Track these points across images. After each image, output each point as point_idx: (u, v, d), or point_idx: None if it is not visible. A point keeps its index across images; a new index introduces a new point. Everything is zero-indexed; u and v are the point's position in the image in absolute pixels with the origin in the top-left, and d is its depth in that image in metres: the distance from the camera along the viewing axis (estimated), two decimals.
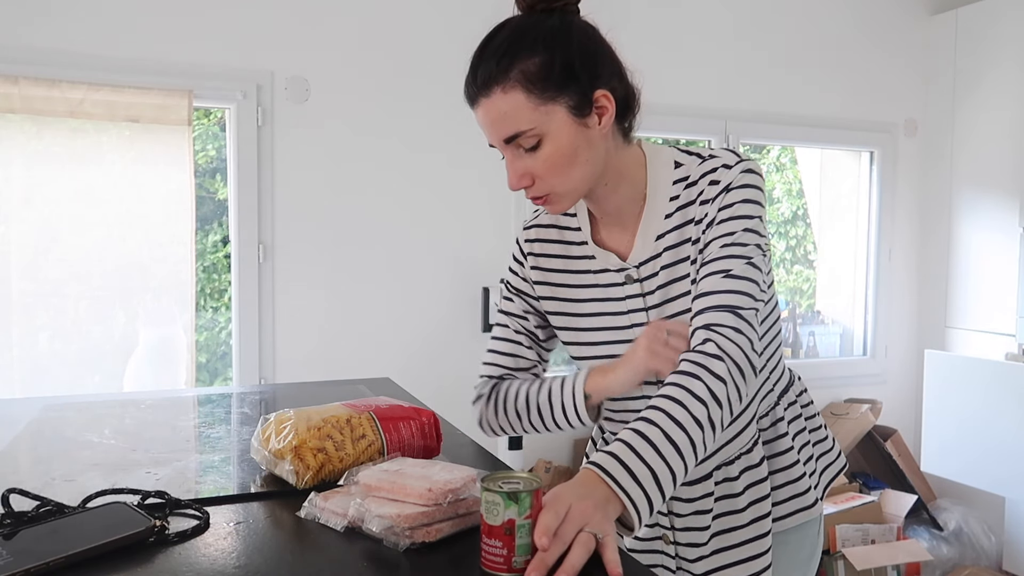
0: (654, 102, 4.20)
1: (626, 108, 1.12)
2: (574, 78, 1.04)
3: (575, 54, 1.04)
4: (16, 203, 2.69)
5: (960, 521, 3.52)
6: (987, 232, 3.72)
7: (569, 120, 1.05)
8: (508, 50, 1.04)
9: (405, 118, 3.14)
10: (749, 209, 1.08)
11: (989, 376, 2.92)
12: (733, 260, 1.06)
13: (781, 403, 1.26)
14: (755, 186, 1.10)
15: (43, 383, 2.72)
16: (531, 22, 1.07)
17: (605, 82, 1.07)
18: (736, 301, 1.04)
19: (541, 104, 1.03)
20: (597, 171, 1.10)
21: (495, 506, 0.82)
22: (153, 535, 0.89)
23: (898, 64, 3.98)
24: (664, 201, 1.14)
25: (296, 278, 3.03)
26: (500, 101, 1.04)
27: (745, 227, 1.07)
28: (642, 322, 1.17)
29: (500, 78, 1.03)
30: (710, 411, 0.98)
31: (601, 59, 1.08)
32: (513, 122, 1.04)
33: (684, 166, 1.14)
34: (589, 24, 1.12)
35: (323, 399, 1.32)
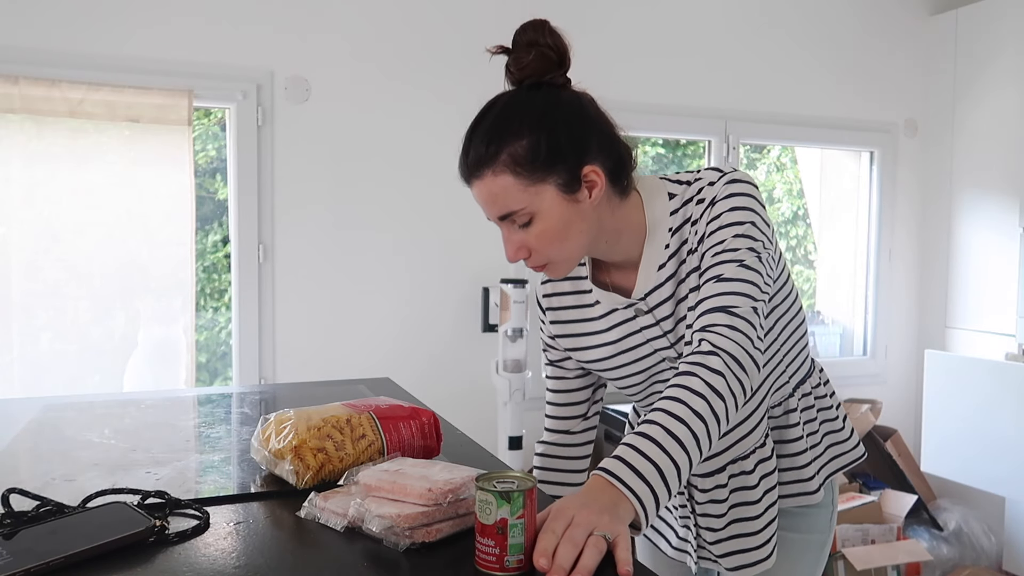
0: (654, 102, 4.21)
1: (619, 171, 1.14)
2: (561, 158, 1.07)
3: (561, 133, 1.07)
4: (16, 203, 2.69)
5: (960, 521, 3.52)
6: (987, 232, 3.72)
7: (559, 198, 1.08)
8: (496, 134, 1.07)
9: (405, 118, 3.14)
10: (736, 216, 1.10)
11: (989, 376, 2.92)
12: (723, 265, 1.08)
13: (795, 395, 1.30)
14: (741, 193, 1.11)
15: (43, 383, 2.72)
16: (519, 100, 1.10)
17: (593, 156, 1.10)
18: (728, 301, 1.06)
19: (530, 185, 1.07)
20: (592, 237, 1.14)
21: (488, 505, 0.82)
22: (153, 535, 0.89)
23: (898, 64, 3.98)
24: (664, 234, 1.17)
25: (296, 278, 3.03)
26: (490, 183, 1.08)
27: (734, 233, 1.09)
28: (664, 346, 1.21)
29: (489, 162, 1.07)
30: (711, 403, 0.99)
31: (589, 133, 1.10)
32: (504, 202, 1.08)
33: (676, 196, 1.17)
34: (578, 95, 1.14)
35: (323, 399, 1.32)
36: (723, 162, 3.67)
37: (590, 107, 1.13)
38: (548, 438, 1.40)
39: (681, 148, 3.87)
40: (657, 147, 3.82)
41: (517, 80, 1.12)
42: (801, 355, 1.30)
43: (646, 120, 3.51)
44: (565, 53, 1.12)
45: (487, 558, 0.83)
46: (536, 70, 1.11)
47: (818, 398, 1.34)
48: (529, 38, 1.12)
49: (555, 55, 1.11)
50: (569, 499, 0.91)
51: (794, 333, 1.27)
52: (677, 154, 3.88)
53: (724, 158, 3.67)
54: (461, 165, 1.12)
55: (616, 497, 0.92)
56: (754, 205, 1.11)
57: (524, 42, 1.12)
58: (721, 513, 1.28)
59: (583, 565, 0.82)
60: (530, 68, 1.11)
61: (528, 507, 0.83)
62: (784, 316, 1.24)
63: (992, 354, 3.52)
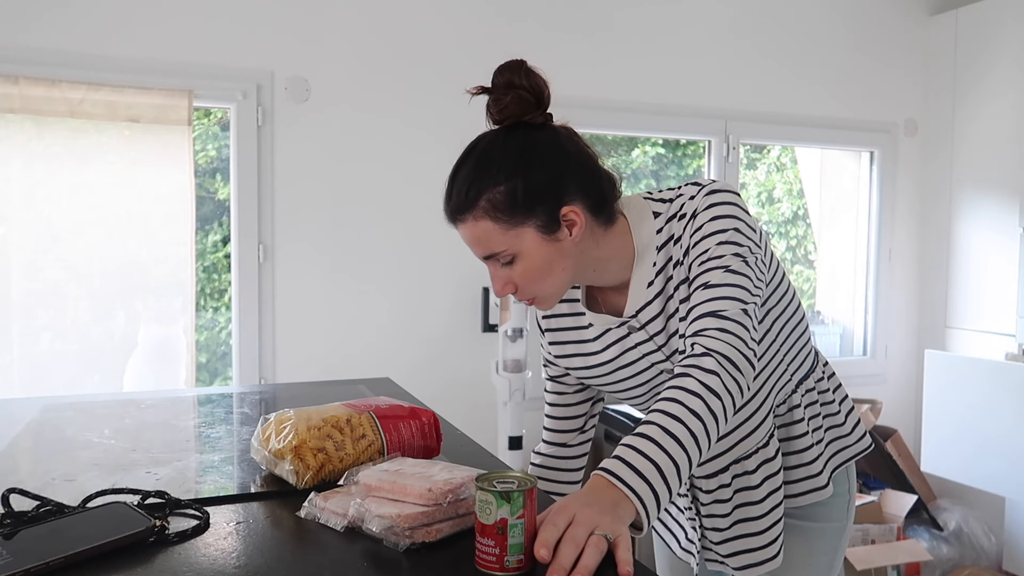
0: (654, 102, 4.21)
1: (601, 205, 1.16)
2: (539, 201, 1.10)
3: (538, 177, 1.10)
4: (16, 203, 2.69)
5: (960, 521, 3.52)
6: (987, 232, 3.72)
7: (539, 239, 1.11)
8: (475, 179, 1.10)
9: (405, 118, 3.14)
10: (718, 224, 1.11)
11: (989, 376, 2.92)
12: (710, 272, 1.10)
13: (798, 391, 1.30)
14: (721, 202, 1.13)
15: (43, 383, 2.72)
16: (497, 144, 1.12)
17: (572, 196, 1.12)
18: (717, 306, 1.07)
19: (510, 228, 1.10)
20: (577, 269, 1.17)
21: (488, 505, 0.82)
22: (153, 535, 0.89)
23: (898, 64, 3.98)
24: (652, 252, 1.19)
25: (296, 278, 3.03)
26: (472, 228, 1.12)
27: (718, 241, 1.11)
28: (660, 359, 1.23)
29: (469, 207, 1.11)
30: (707, 402, 1.00)
31: (566, 174, 1.12)
32: (486, 245, 1.12)
33: (661, 215, 1.19)
34: (557, 133, 1.15)
35: (323, 399, 1.32)
36: (722, 161, 3.67)
37: (569, 144, 1.15)
38: (545, 449, 1.42)
39: (681, 148, 3.87)
40: (657, 147, 3.82)
41: (497, 121, 1.14)
42: (803, 352, 1.30)
43: (646, 120, 3.51)
44: (542, 93, 1.13)
45: (487, 558, 0.83)
46: (514, 112, 1.12)
47: (820, 392, 1.35)
48: (506, 79, 1.12)
49: (532, 97, 1.12)
50: (571, 497, 0.91)
51: (793, 331, 1.27)
52: (677, 154, 3.88)
53: (724, 158, 3.67)
54: (445, 207, 1.15)
55: (617, 497, 0.92)
56: (735, 212, 1.13)
57: (502, 83, 1.12)
58: (725, 513, 1.29)
59: (583, 564, 0.82)
60: (508, 110, 1.12)
61: (528, 507, 0.84)
62: (781, 316, 1.25)
63: (992, 354, 3.52)
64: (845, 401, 1.40)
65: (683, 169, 3.88)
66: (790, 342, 1.27)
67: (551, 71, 1.19)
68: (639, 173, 3.80)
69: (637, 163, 3.80)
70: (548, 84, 1.14)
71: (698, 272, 1.11)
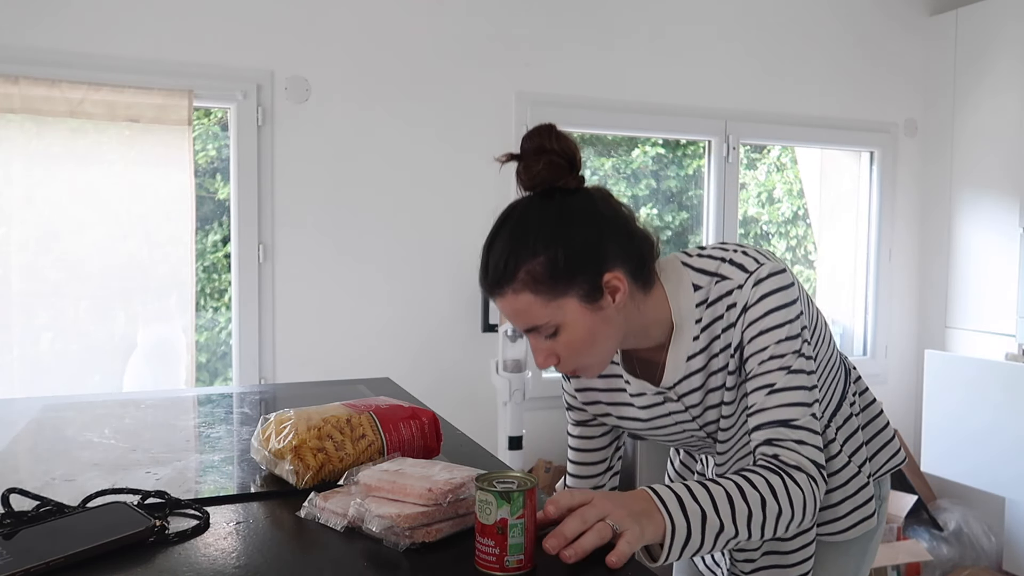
0: (654, 102, 4.20)
1: (641, 268, 1.12)
2: (580, 270, 1.06)
3: (577, 245, 1.06)
4: (16, 203, 2.68)
5: (960, 521, 3.52)
6: (987, 232, 3.72)
7: (582, 309, 1.07)
8: (512, 252, 1.06)
9: (405, 118, 3.14)
10: (773, 319, 1.09)
11: (989, 376, 2.92)
12: (773, 374, 1.08)
13: (831, 425, 1.28)
14: (771, 292, 1.10)
15: (43, 383, 2.72)
16: (532, 212, 1.09)
17: (613, 261, 1.08)
18: (787, 414, 1.07)
19: (552, 300, 1.06)
20: (620, 337, 1.14)
21: (488, 505, 0.82)
22: (153, 535, 0.89)
23: (898, 64, 3.98)
24: (691, 326, 1.16)
25: (296, 278, 3.03)
26: (512, 301, 1.08)
27: (777, 339, 1.09)
28: (693, 428, 1.23)
29: (508, 280, 1.06)
30: (781, 508, 1.01)
31: (605, 239, 1.09)
32: (528, 318, 1.08)
33: (702, 288, 1.15)
34: (592, 196, 1.11)
35: (323, 399, 1.32)
36: (722, 161, 3.67)
37: (605, 207, 1.11)
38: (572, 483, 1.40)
39: (681, 148, 3.87)
40: (657, 147, 3.82)
41: (528, 187, 1.10)
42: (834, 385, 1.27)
43: (646, 120, 3.51)
44: (575, 156, 1.09)
45: (487, 558, 0.83)
46: (546, 178, 1.09)
47: (855, 415, 1.32)
48: (536, 144, 1.09)
49: (564, 161, 1.08)
50: (606, 493, 0.93)
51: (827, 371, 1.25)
52: (677, 154, 3.88)
53: (724, 158, 3.67)
54: (481, 279, 1.11)
55: (650, 510, 0.93)
56: (786, 299, 1.10)
57: (532, 149, 1.09)
58: (756, 547, 1.29)
59: (578, 543, 0.84)
60: (540, 176, 1.09)
61: (528, 507, 0.84)
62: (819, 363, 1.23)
63: (992, 354, 3.52)
64: (880, 417, 1.37)
65: (683, 169, 3.88)
66: (824, 384, 1.24)
67: (551, 71, 1.20)
68: (639, 173, 3.79)
69: (637, 163, 3.80)
70: (579, 147, 1.10)
71: (759, 371, 1.09)
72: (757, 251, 1.15)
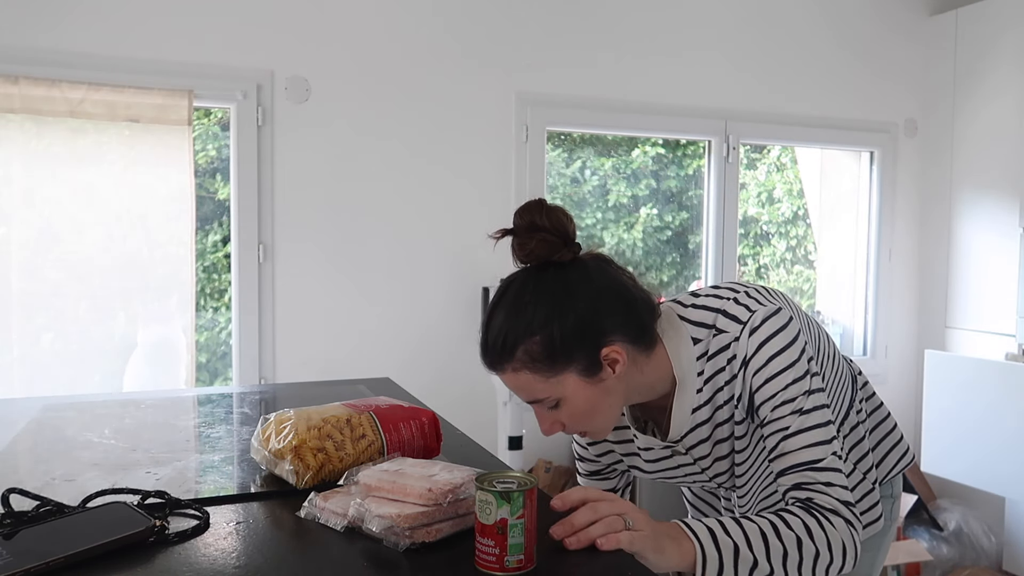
0: (654, 102, 4.19)
1: (642, 334, 1.12)
2: (578, 347, 1.06)
3: (573, 322, 1.06)
4: (16, 203, 2.68)
5: (960, 521, 3.52)
6: (987, 232, 3.72)
7: (581, 383, 1.08)
8: (509, 332, 1.07)
9: (405, 118, 3.14)
10: (777, 365, 1.09)
11: (989, 376, 2.92)
12: (787, 419, 1.08)
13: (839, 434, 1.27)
14: (769, 338, 1.10)
15: (43, 383, 2.72)
16: (527, 289, 1.08)
17: (611, 333, 1.08)
18: (810, 455, 1.06)
19: (551, 377, 1.07)
20: (623, 401, 1.15)
21: (488, 505, 0.82)
22: (153, 535, 0.89)
23: (898, 64, 3.98)
24: (693, 379, 1.15)
25: (296, 278, 3.03)
26: (512, 378, 1.09)
27: (784, 384, 1.08)
28: (703, 480, 1.25)
29: (507, 359, 1.07)
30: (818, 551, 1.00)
31: (603, 311, 1.08)
32: (528, 393, 1.10)
33: (701, 341, 1.15)
34: (587, 267, 1.11)
35: (323, 399, 1.32)
36: (722, 161, 3.67)
37: (601, 278, 1.10)
38: None
39: (681, 148, 3.87)
40: (657, 147, 3.82)
41: (523, 262, 1.10)
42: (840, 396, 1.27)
43: (646, 120, 3.51)
44: (566, 231, 1.09)
45: (487, 558, 0.83)
46: (541, 254, 1.08)
47: (860, 422, 1.32)
48: (528, 221, 1.08)
49: (557, 238, 1.08)
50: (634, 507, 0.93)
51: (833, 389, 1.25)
52: (677, 154, 3.88)
53: (724, 158, 3.67)
54: (482, 356, 1.12)
55: (678, 536, 0.94)
56: (786, 340, 1.09)
57: (524, 226, 1.08)
58: None
59: (586, 533, 0.85)
60: (535, 253, 1.08)
61: (528, 507, 0.83)
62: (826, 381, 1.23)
63: (992, 354, 3.52)
64: (887, 419, 1.37)
65: (683, 169, 3.89)
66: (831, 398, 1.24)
67: (552, 71, 1.20)
68: (639, 173, 3.79)
69: (637, 163, 3.80)
70: (571, 219, 1.10)
71: (772, 417, 1.09)
72: (749, 294, 1.13)
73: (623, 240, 3.81)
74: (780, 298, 1.16)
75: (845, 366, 1.30)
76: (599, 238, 3.78)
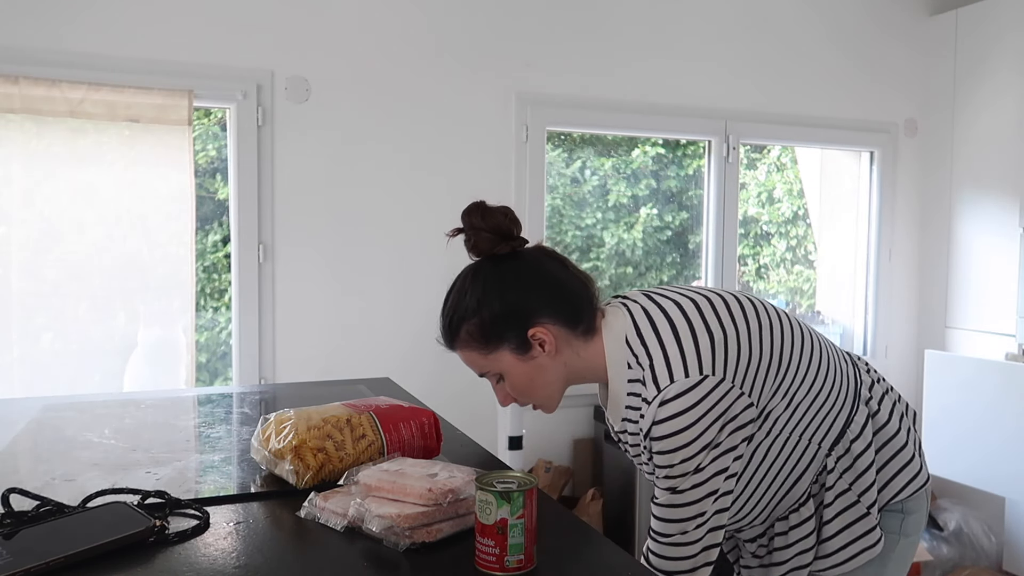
0: (654, 102, 4.19)
1: (576, 317, 1.24)
2: (507, 327, 1.22)
3: (502, 307, 1.22)
4: (16, 203, 2.68)
5: (960, 521, 3.52)
6: (987, 232, 3.72)
7: (515, 359, 1.23)
8: (453, 315, 1.26)
9: (405, 118, 3.14)
10: (671, 443, 1.14)
11: (989, 376, 2.93)
12: (662, 490, 1.16)
13: (832, 454, 1.28)
14: (674, 416, 1.13)
15: (43, 383, 2.72)
16: (469, 278, 1.27)
17: (538, 315, 1.22)
18: (657, 527, 1.17)
19: (489, 353, 1.23)
20: (563, 379, 1.28)
21: (488, 505, 0.82)
22: (153, 535, 0.89)
23: (898, 64, 3.98)
24: (623, 396, 1.24)
25: (296, 278, 3.03)
26: (461, 355, 1.27)
27: (671, 463, 1.14)
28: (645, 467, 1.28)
29: (454, 338, 1.26)
30: None
31: (531, 298, 1.23)
32: (476, 367, 1.27)
33: (632, 370, 1.22)
34: (522, 259, 1.25)
35: (323, 399, 1.32)
36: (722, 161, 3.67)
37: (534, 268, 1.25)
38: None
39: (681, 148, 3.87)
40: (657, 147, 3.82)
41: (473, 255, 1.27)
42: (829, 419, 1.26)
43: (646, 120, 3.51)
44: (502, 230, 1.24)
45: (487, 558, 0.83)
46: (484, 248, 1.24)
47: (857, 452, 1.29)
48: (468, 223, 1.25)
49: (495, 235, 1.23)
50: None
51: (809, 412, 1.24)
52: (677, 154, 3.88)
53: (724, 158, 3.67)
54: (440, 336, 1.30)
55: None
56: (690, 420, 1.13)
57: (468, 226, 1.25)
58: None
59: None
60: (478, 248, 1.25)
61: (528, 507, 0.83)
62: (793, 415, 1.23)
63: (992, 354, 3.52)
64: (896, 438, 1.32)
65: (683, 169, 3.89)
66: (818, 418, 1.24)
67: (552, 71, 1.21)
68: (639, 173, 3.80)
69: (637, 163, 3.80)
70: (511, 217, 1.24)
71: (656, 480, 1.18)
72: (683, 352, 1.15)
73: (623, 240, 3.81)
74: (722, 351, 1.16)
75: (845, 386, 1.28)
76: (599, 238, 3.78)
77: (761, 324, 1.20)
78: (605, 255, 3.82)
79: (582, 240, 3.79)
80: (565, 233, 3.75)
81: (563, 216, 3.75)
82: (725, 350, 1.16)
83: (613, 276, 3.86)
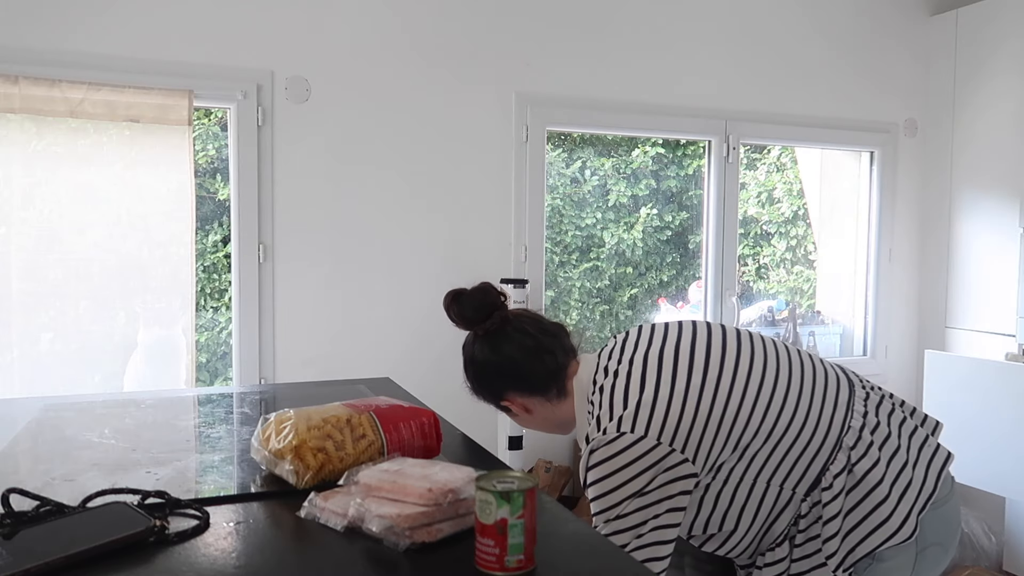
0: (654, 102, 4.20)
1: (545, 386, 1.42)
2: (485, 396, 1.49)
3: (477, 386, 1.48)
4: (16, 203, 2.68)
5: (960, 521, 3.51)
6: (987, 232, 3.72)
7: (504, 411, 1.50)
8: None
9: (405, 118, 3.14)
10: (593, 490, 1.27)
11: (989, 376, 2.92)
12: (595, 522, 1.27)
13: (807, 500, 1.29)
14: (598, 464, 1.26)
15: (43, 383, 2.72)
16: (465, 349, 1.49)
17: (505, 391, 1.45)
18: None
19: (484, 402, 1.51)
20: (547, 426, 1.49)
21: (488, 505, 0.82)
22: (153, 535, 0.89)
23: (898, 64, 3.98)
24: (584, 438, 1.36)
25: (296, 278, 3.03)
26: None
27: (594, 510, 1.27)
28: None
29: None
30: None
31: (498, 382, 1.45)
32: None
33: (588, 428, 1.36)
34: (492, 340, 1.42)
35: (323, 399, 1.32)
36: (722, 161, 3.67)
37: (500, 352, 1.42)
38: None
39: (681, 148, 3.88)
40: (657, 147, 3.82)
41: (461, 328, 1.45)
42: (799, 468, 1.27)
43: (646, 120, 3.51)
44: (468, 318, 1.41)
45: (487, 558, 0.83)
46: (462, 327, 1.45)
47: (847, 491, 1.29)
48: (448, 308, 1.43)
49: (461, 321, 1.42)
50: None
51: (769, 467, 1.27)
52: (677, 154, 3.88)
53: (724, 158, 3.67)
54: None
55: None
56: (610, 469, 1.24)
57: (448, 311, 1.43)
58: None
59: None
60: (458, 326, 1.44)
61: (528, 507, 0.83)
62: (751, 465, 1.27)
63: (992, 354, 3.52)
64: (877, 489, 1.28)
65: (683, 169, 3.89)
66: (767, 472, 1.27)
67: (552, 71, 1.21)
68: (639, 173, 3.80)
69: (637, 163, 3.80)
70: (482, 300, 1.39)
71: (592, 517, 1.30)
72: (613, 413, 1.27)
73: (623, 240, 3.82)
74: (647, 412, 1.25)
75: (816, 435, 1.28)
76: (599, 238, 3.78)
77: (719, 382, 1.26)
78: (605, 255, 3.82)
79: (582, 240, 3.79)
80: (565, 233, 3.75)
81: (563, 216, 3.75)
82: (652, 411, 1.25)
83: (613, 276, 3.87)
